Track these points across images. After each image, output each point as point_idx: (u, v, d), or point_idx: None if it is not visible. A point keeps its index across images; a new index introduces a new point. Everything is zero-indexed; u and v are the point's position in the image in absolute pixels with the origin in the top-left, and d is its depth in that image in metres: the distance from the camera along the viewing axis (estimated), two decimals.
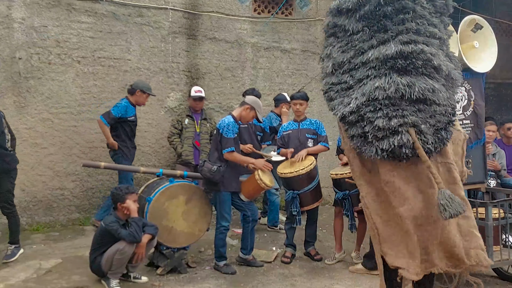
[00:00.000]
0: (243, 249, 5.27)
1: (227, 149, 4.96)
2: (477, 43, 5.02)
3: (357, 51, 3.04)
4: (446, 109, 2.95)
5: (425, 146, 2.88)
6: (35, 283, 4.68)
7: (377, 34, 2.98)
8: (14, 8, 6.36)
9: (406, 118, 2.84)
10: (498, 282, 4.90)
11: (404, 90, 2.80)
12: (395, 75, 2.86)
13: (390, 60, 2.88)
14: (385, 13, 2.96)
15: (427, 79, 2.87)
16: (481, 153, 5.14)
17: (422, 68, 2.87)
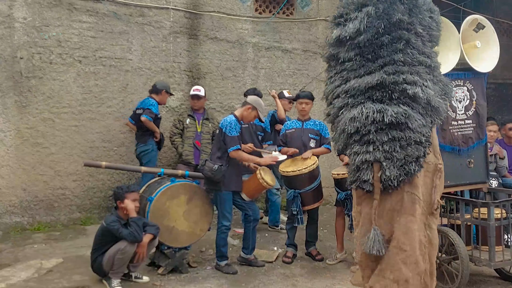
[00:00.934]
0: (244, 248, 5.27)
1: (233, 147, 4.93)
2: (479, 43, 5.02)
3: (343, 80, 3.13)
4: (420, 138, 2.98)
5: (386, 182, 2.99)
6: (36, 283, 4.68)
7: (367, 64, 3.04)
8: (16, 8, 6.36)
9: (369, 155, 2.95)
10: (500, 282, 4.90)
11: (375, 116, 2.90)
12: (369, 103, 2.95)
13: (369, 90, 2.96)
14: (382, 42, 3.00)
15: (401, 106, 2.93)
16: (483, 153, 5.13)
17: (398, 99, 2.94)
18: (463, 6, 7.44)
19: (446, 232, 4.57)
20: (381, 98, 2.94)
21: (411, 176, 3.03)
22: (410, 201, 3.06)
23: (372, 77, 2.95)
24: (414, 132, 2.94)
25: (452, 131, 4.92)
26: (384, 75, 2.92)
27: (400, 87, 2.92)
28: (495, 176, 6.12)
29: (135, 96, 7.02)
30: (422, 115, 2.98)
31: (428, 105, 2.98)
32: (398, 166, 2.97)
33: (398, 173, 2.98)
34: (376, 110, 2.90)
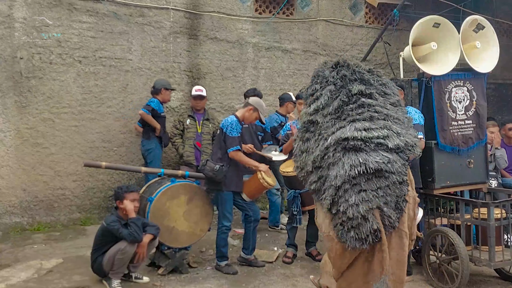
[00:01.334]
0: (244, 249, 5.27)
1: (233, 148, 4.94)
2: (479, 43, 5.03)
3: (322, 138, 3.26)
4: (402, 178, 3.12)
5: (392, 224, 3.11)
6: (36, 283, 4.68)
7: (339, 121, 3.24)
8: (16, 8, 6.36)
9: (371, 203, 3.02)
10: (500, 282, 4.90)
11: (359, 167, 3.00)
12: (348, 155, 3.07)
13: (344, 142, 3.10)
14: (350, 107, 3.25)
15: (379, 152, 3.05)
16: (483, 153, 5.14)
17: (375, 146, 3.08)
18: (463, 7, 7.44)
19: (446, 232, 4.58)
20: (359, 146, 3.08)
21: (403, 213, 3.21)
22: (398, 237, 3.24)
23: (343, 131, 3.14)
24: (396, 174, 3.09)
25: (452, 131, 4.93)
26: (354, 132, 3.11)
27: (375, 141, 3.09)
28: (495, 176, 6.13)
29: (135, 96, 7.02)
30: (401, 158, 3.13)
31: (403, 151, 3.15)
32: (393, 207, 3.12)
33: (395, 214, 3.14)
34: (357, 163, 3.03)
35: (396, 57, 7.81)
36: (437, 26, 4.93)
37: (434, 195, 4.86)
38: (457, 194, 5.11)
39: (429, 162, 4.86)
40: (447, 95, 4.94)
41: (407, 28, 7.20)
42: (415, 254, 5.30)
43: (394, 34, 8.21)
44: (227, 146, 4.97)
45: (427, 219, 4.97)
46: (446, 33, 4.95)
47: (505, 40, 9.20)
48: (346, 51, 8.48)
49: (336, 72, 3.55)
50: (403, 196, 3.17)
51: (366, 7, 8.70)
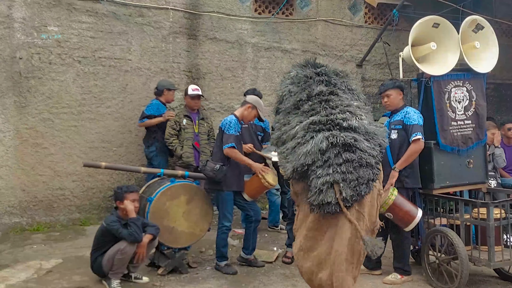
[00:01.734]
0: (245, 249, 5.27)
1: (228, 145, 4.92)
2: (478, 44, 5.03)
3: (290, 127, 3.59)
4: (370, 159, 3.34)
5: (343, 202, 3.31)
6: (36, 283, 4.68)
7: (306, 114, 3.56)
8: (15, 8, 6.35)
9: (329, 176, 3.27)
10: (499, 282, 4.91)
11: (328, 141, 3.28)
12: (319, 134, 3.35)
13: (314, 125, 3.40)
14: (314, 104, 3.55)
15: (346, 133, 3.34)
16: (482, 153, 5.15)
17: (340, 130, 3.37)
18: (462, 7, 7.44)
19: (445, 232, 4.58)
20: (328, 129, 3.37)
21: (362, 197, 3.39)
22: (356, 218, 3.40)
23: (312, 118, 3.45)
24: (364, 152, 3.30)
25: (452, 131, 4.94)
26: (320, 117, 3.42)
27: (336, 121, 3.38)
28: (494, 176, 6.14)
29: (135, 97, 7.02)
30: (367, 140, 3.38)
31: (367, 133, 3.40)
32: (352, 187, 3.30)
33: (352, 194, 3.31)
34: (327, 136, 3.30)
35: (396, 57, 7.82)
36: (436, 26, 4.94)
37: (434, 195, 4.87)
38: (456, 194, 5.11)
39: (428, 162, 4.86)
40: (447, 95, 4.95)
41: (406, 28, 7.21)
42: (415, 254, 5.31)
43: (394, 34, 8.21)
44: (223, 143, 4.96)
45: (426, 219, 4.97)
46: (446, 33, 4.96)
47: (505, 40, 9.21)
48: (345, 51, 8.48)
49: (300, 72, 3.76)
50: (367, 181, 3.35)
51: (365, 7, 8.70)
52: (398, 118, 4.85)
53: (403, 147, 4.75)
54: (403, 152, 4.73)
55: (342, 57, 8.47)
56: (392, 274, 4.86)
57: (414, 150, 4.67)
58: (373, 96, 8.70)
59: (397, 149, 4.79)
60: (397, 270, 4.86)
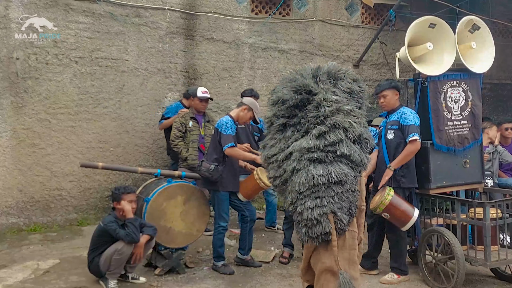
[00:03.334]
0: (241, 249, 5.27)
1: (228, 145, 4.91)
2: (474, 44, 5.05)
3: (286, 144, 3.58)
4: (354, 187, 3.52)
5: (343, 228, 3.48)
6: (33, 284, 4.68)
7: (298, 127, 3.57)
8: (12, 8, 6.34)
9: (325, 208, 3.38)
10: (496, 282, 4.92)
11: (321, 179, 3.34)
12: (312, 166, 3.39)
13: (308, 153, 3.42)
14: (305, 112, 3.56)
15: (340, 165, 3.41)
16: (479, 153, 5.16)
17: (333, 158, 3.41)
18: (458, 7, 7.47)
19: (442, 232, 4.60)
20: (321, 158, 3.40)
21: (354, 216, 3.60)
22: (351, 238, 3.59)
23: (306, 141, 3.44)
24: (349, 184, 3.45)
25: (448, 131, 4.95)
26: (314, 140, 3.42)
27: (330, 149, 3.41)
28: (491, 176, 6.14)
29: (132, 97, 7.02)
30: (352, 169, 3.48)
31: (353, 162, 3.47)
32: (346, 212, 3.48)
33: (348, 218, 3.50)
34: (320, 174, 3.36)
35: (392, 58, 7.86)
36: (433, 27, 4.95)
37: (430, 195, 4.88)
38: (453, 194, 5.13)
39: (425, 162, 4.87)
40: (443, 95, 4.96)
41: (403, 29, 7.24)
42: (411, 254, 5.32)
43: (390, 35, 8.25)
44: (222, 144, 4.95)
45: (423, 219, 4.98)
46: (442, 34, 4.97)
47: (501, 41, 9.24)
48: (342, 51, 8.50)
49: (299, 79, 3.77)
50: (355, 202, 3.57)
51: (362, 8, 8.72)
52: (395, 118, 4.86)
53: (399, 147, 4.77)
54: (400, 152, 4.74)
55: (339, 57, 8.48)
56: (389, 274, 4.87)
57: (410, 150, 4.68)
58: (370, 96, 8.72)
59: (394, 150, 4.80)
60: (394, 270, 4.87)
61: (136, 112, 7.04)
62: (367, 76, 8.79)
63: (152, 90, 7.16)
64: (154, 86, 7.17)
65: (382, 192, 4.65)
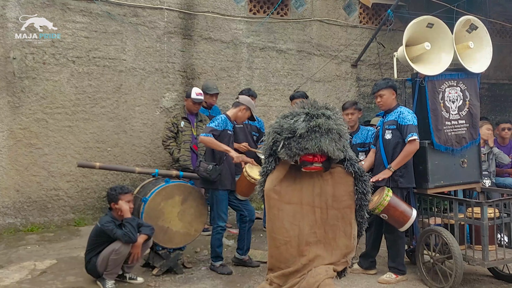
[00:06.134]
0: (239, 249, 5.27)
1: (203, 134, 4.96)
2: (472, 44, 5.05)
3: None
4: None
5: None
6: (30, 284, 4.66)
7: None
8: (9, 8, 6.32)
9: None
10: (493, 282, 4.92)
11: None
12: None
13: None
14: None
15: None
16: (476, 153, 5.17)
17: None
18: (456, 7, 7.48)
19: (440, 231, 4.60)
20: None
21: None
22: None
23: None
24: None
25: (446, 131, 4.95)
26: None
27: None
28: (488, 175, 6.16)
29: (129, 97, 7.00)
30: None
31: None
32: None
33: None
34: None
35: (390, 57, 7.85)
36: (430, 27, 4.96)
37: (428, 194, 4.88)
38: (450, 193, 5.13)
39: (422, 161, 4.88)
40: (441, 95, 4.96)
41: (401, 29, 7.24)
42: (409, 254, 5.32)
43: (388, 34, 8.25)
44: (202, 132, 5.02)
45: (421, 219, 4.98)
46: (440, 34, 4.98)
47: (498, 40, 9.26)
48: (340, 51, 8.50)
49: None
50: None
51: (360, 7, 8.72)
52: (392, 118, 4.86)
53: (397, 147, 4.77)
54: (398, 152, 4.74)
55: (337, 57, 8.48)
56: (387, 274, 4.87)
57: (409, 150, 4.68)
58: (367, 96, 8.73)
59: (392, 149, 4.80)
60: (392, 270, 4.87)
61: (133, 112, 7.02)
62: (365, 76, 8.80)
63: (150, 90, 7.14)
64: (152, 86, 7.15)
65: (380, 192, 4.65)
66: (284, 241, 3.62)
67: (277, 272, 3.62)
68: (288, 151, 3.52)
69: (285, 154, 3.55)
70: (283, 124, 3.59)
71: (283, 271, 3.60)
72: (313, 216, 3.67)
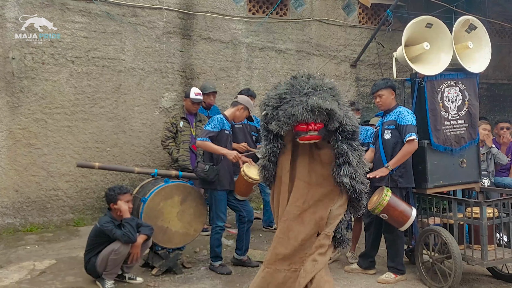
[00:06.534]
0: (238, 250, 5.27)
1: (200, 138, 4.96)
2: (471, 44, 5.06)
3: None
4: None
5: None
6: (29, 284, 4.66)
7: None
8: (8, 8, 6.32)
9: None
10: (492, 281, 4.92)
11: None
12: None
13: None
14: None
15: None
16: (475, 153, 5.17)
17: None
18: (455, 7, 7.48)
19: (439, 231, 4.60)
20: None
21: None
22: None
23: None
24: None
25: (445, 131, 4.96)
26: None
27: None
28: (487, 175, 6.16)
29: (128, 97, 7.00)
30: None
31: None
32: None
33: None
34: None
35: (389, 57, 7.85)
36: (429, 27, 4.96)
37: (427, 194, 4.88)
38: (450, 193, 5.13)
39: (422, 161, 4.88)
40: (440, 95, 4.97)
41: (400, 29, 7.25)
42: (408, 253, 5.32)
43: (387, 35, 8.25)
44: (199, 136, 5.03)
45: (420, 219, 4.98)
46: (439, 33, 4.98)
47: (497, 40, 9.27)
48: (339, 51, 8.50)
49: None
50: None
51: (359, 8, 8.73)
52: (391, 118, 4.86)
53: (397, 147, 4.77)
54: (397, 152, 4.74)
55: (336, 57, 8.49)
56: (386, 274, 4.87)
57: (408, 150, 4.68)
58: (366, 96, 8.74)
59: (391, 149, 4.80)
60: (391, 269, 4.87)
61: (133, 112, 7.02)
62: (364, 76, 8.80)
63: (149, 90, 7.14)
64: (151, 86, 7.15)
65: (380, 192, 4.65)
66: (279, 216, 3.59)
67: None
68: (277, 121, 3.36)
69: (275, 126, 3.37)
70: (270, 94, 3.53)
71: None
72: (303, 190, 3.54)
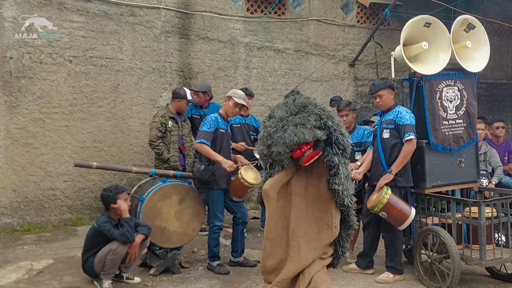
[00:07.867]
0: (234, 252, 5.25)
1: (198, 140, 4.95)
2: (469, 43, 5.05)
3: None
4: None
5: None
6: (27, 284, 4.65)
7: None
8: (5, 7, 6.30)
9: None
10: (491, 281, 4.92)
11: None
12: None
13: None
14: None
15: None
16: (474, 152, 5.17)
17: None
18: (453, 6, 7.48)
19: (437, 231, 4.59)
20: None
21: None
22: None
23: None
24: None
25: (443, 130, 4.95)
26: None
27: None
28: (486, 175, 6.16)
29: (126, 96, 6.99)
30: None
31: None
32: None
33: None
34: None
35: (388, 57, 7.86)
36: (428, 26, 4.95)
37: (426, 194, 4.88)
38: (448, 193, 5.13)
39: (420, 161, 4.87)
40: (438, 94, 4.96)
41: (398, 28, 7.25)
42: (407, 253, 5.32)
43: (386, 34, 8.25)
44: (196, 138, 5.01)
45: (418, 218, 4.98)
46: (437, 33, 4.97)
47: (496, 40, 9.27)
48: (338, 50, 8.50)
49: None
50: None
51: (357, 7, 8.72)
52: (390, 117, 4.85)
53: (395, 146, 4.76)
54: (396, 152, 4.73)
55: (335, 57, 8.48)
56: (385, 273, 4.86)
57: (407, 151, 4.68)
58: (365, 95, 8.73)
59: (390, 149, 4.79)
60: (390, 269, 4.86)
61: (131, 112, 7.01)
62: (362, 75, 8.80)
63: (147, 90, 7.13)
64: (149, 86, 7.14)
65: (379, 191, 4.64)
66: (276, 234, 3.98)
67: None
68: (275, 161, 3.92)
69: (278, 166, 3.97)
70: (262, 133, 4.02)
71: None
72: (301, 206, 3.99)
